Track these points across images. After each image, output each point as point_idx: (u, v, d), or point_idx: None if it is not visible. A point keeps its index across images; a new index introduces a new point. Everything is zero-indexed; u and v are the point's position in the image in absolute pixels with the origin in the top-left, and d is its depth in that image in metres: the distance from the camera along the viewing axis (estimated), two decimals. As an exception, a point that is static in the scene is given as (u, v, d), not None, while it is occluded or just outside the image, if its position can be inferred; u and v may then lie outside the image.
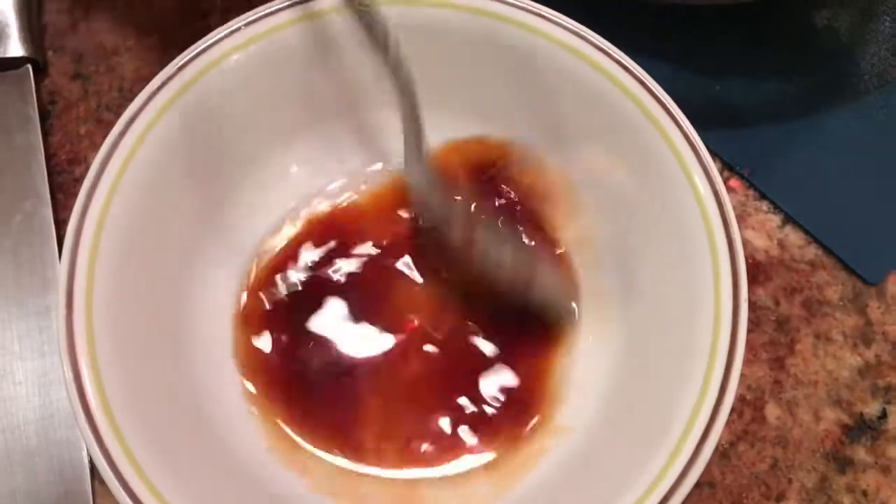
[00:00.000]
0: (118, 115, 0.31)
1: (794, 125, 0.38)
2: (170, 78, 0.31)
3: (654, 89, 0.31)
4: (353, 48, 0.32)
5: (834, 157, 0.37)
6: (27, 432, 0.32)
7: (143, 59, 0.38)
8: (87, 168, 0.32)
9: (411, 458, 0.31)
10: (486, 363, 0.32)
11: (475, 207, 0.33)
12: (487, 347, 0.32)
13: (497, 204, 0.34)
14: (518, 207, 0.34)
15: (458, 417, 0.31)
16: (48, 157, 0.36)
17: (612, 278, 0.33)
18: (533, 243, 0.34)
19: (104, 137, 0.31)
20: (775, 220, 0.36)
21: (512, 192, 0.34)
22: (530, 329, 0.33)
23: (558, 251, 0.34)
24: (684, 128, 0.30)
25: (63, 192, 0.36)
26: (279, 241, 0.34)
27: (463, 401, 0.32)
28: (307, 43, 0.32)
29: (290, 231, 0.34)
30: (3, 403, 0.32)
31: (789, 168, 0.37)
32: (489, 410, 0.32)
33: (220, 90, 0.31)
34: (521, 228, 0.34)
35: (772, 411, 0.33)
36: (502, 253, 0.32)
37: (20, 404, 0.32)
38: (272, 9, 0.32)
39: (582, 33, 0.32)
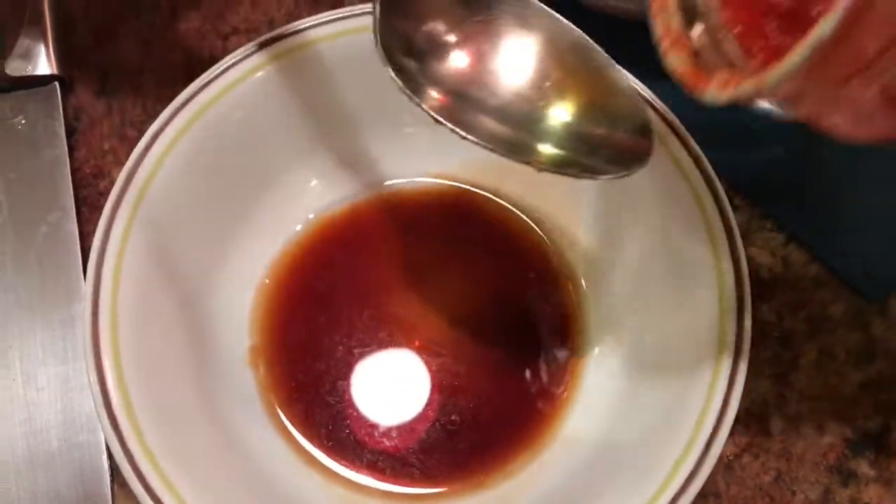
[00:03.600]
0: (141, 132, 0.32)
1: (798, 145, 0.39)
2: (193, 96, 0.32)
3: (658, 107, 0.32)
4: (370, 67, 0.33)
5: (837, 177, 0.38)
6: (49, 436, 0.32)
7: (167, 77, 0.39)
8: (111, 182, 0.34)
9: (416, 470, 0.32)
10: (490, 374, 0.33)
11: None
12: (493, 358, 0.33)
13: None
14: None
15: (462, 429, 0.32)
16: (73, 171, 0.37)
17: (619, 293, 0.33)
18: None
19: (127, 153, 0.32)
20: (779, 237, 0.37)
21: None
22: (535, 340, 0.34)
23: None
24: (690, 145, 0.31)
25: (87, 205, 0.37)
26: (297, 253, 0.35)
27: (466, 413, 0.33)
28: (326, 62, 0.33)
29: (306, 243, 0.35)
30: (26, 408, 0.33)
31: (792, 187, 0.38)
32: (494, 422, 0.33)
33: (241, 108, 0.32)
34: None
35: (776, 425, 0.34)
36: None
37: (43, 409, 0.33)
38: (292, 29, 0.33)
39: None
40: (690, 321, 0.30)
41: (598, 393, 0.32)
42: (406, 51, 0.28)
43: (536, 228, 0.36)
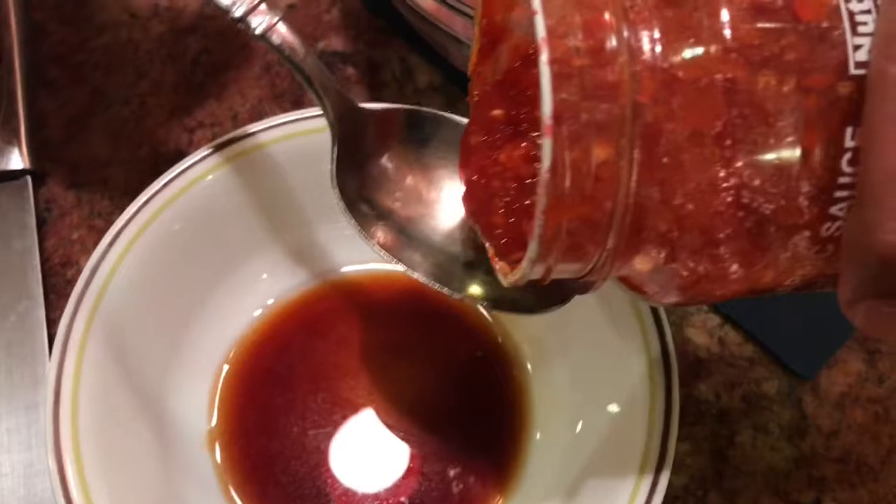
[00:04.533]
0: (109, 223, 0.34)
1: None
2: (156, 193, 0.34)
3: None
4: (322, 164, 0.36)
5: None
6: (11, 522, 0.34)
7: (133, 170, 0.41)
8: (79, 271, 0.35)
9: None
10: (439, 457, 0.35)
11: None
12: (442, 441, 0.35)
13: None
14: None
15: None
16: (42, 261, 0.39)
17: (561, 378, 0.35)
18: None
19: (95, 243, 0.34)
20: (715, 319, 0.39)
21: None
22: (482, 424, 0.35)
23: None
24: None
25: (55, 292, 0.39)
26: (255, 338, 0.37)
27: (415, 496, 0.34)
28: (280, 161, 0.35)
29: (264, 329, 0.37)
30: (-11, 494, 0.34)
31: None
32: None
33: (197, 207, 0.34)
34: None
35: (714, 500, 0.35)
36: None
37: (5, 495, 0.34)
38: (247, 132, 0.35)
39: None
40: (623, 399, 0.32)
41: (540, 476, 0.34)
42: (359, 190, 0.30)
43: (485, 312, 0.38)
